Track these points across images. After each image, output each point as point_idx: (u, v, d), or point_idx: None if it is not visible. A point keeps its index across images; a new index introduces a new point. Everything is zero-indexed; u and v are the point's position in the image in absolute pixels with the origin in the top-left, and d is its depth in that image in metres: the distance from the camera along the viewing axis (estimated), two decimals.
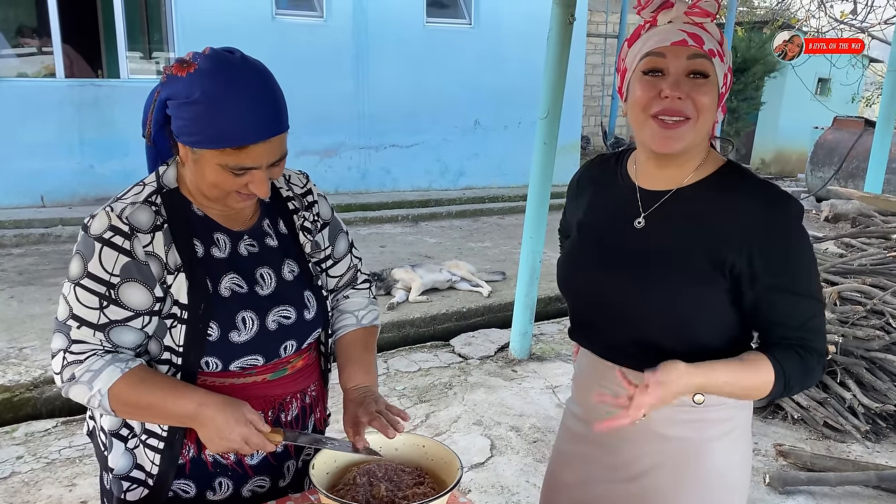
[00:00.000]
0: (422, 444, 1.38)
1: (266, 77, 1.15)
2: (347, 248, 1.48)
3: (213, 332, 1.22)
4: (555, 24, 3.75)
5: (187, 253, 1.22)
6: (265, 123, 1.13)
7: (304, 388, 1.40)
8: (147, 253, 1.18)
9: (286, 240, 1.35)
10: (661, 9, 1.22)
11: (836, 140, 10.00)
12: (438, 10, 9.50)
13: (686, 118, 1.18)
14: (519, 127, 9.79)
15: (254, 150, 1.13)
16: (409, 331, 4.88)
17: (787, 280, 1.18)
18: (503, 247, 7.11)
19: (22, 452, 3.06)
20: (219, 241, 1.27)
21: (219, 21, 7.70)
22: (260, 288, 1.29)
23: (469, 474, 3.01)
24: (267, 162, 1.17)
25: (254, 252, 1.30)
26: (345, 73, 8.73)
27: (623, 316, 1.29)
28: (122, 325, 1.18)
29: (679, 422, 1.30)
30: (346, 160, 8.95)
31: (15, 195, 6.96)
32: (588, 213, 1.41)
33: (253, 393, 1.30)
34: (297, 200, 1.39)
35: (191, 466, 1.30)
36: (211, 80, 1.10)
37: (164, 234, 1.20)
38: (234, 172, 1.15)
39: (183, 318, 1.21)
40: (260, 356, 1.28)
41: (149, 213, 1.20)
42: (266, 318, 1.27)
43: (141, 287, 1.18)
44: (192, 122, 1.12)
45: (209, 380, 1.27)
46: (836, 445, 3.32)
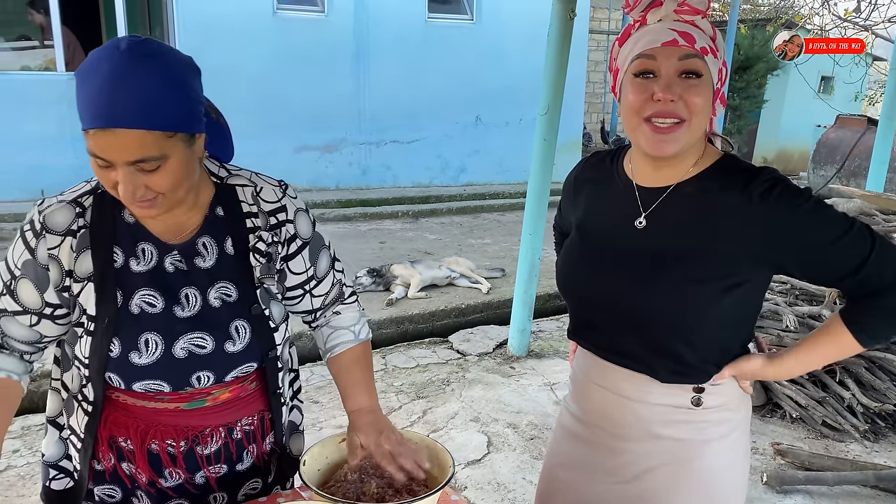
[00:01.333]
0: (415, 442, 1.37)
1: (146, 67, 1.01)
2: (329, 264, 1.38)
3: (114, 348, 1.16)
4: (555, 21, 3.73)
5: (102, 262, 1.15)
6: (108, 109, 0.99)
7: (229, 422, 1.29)
8: (50, 256, 1.14)
9: (227, 260, 1.22)
10: (651, 7, 1.19)
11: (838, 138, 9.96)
12: (440, 5, 9.48)
13: (680, 120, 1.16)
14: (520, 124, 9.77)
15: (99, 138, 1.01)
16: (407, 327, 4.88)
17: (813, 242, 1.15)
18: (503, 243, 7.10)
19: (18, 446, 3.06)
20: (143, 252, 1.18)
21: (220, 15, 7.69)
22: (180, 309, 1.19)
23: (465, 471, 3.00)
24: (119, 158, 1.02)
25: (181, 270, 1.20)
26: (346, 69, 8.72)
27: (626, 317, 1.28)
28: (12, 316, 1.18)
29: (677, 423, 1.29)
30: (346, 156, 8.94)
31: (15, 189, 6.95)
32: (587, 213, 1.39)
33: (164, 420, 1.23)
34: (260, 218, 1.25)
35: (111, 475, 1.27)
36: (89, 58, 1.02)
37: (79, 240, 1.15)
38: (98, 164, 1.04)
39: (89, 329, 1.16)
40: (164, 382, 1.19)
41: (69, 215, 1.14)
42: (174, 344, 1.17)
43: (33, 287, 1.16)
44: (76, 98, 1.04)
45: (121, 396, 1.22)
46: (834, 445, 3.31)
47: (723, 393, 1.29)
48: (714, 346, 1.26)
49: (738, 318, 1.26)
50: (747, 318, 1.29)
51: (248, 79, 7.93)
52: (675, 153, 1.20)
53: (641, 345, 1.27)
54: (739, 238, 1.18)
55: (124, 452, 1.25)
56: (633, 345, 1.28)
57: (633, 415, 1.31)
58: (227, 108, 1.38)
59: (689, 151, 1.24)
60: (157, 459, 1.25)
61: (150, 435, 1.23)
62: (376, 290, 5.26)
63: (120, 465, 1.26)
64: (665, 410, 1.29)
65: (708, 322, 1.22)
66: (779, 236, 1.16)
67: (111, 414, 1.23)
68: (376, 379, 3.75)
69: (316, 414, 3.43)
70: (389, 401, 3.63)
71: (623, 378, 1.32)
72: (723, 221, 1.19)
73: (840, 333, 1.21)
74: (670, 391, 1.28)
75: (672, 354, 1.25)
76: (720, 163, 1.25)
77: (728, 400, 1.30)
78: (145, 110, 1.01)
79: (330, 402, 3.55)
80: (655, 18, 1.19)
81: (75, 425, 1.25)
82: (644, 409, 1.30)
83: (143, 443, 1.24)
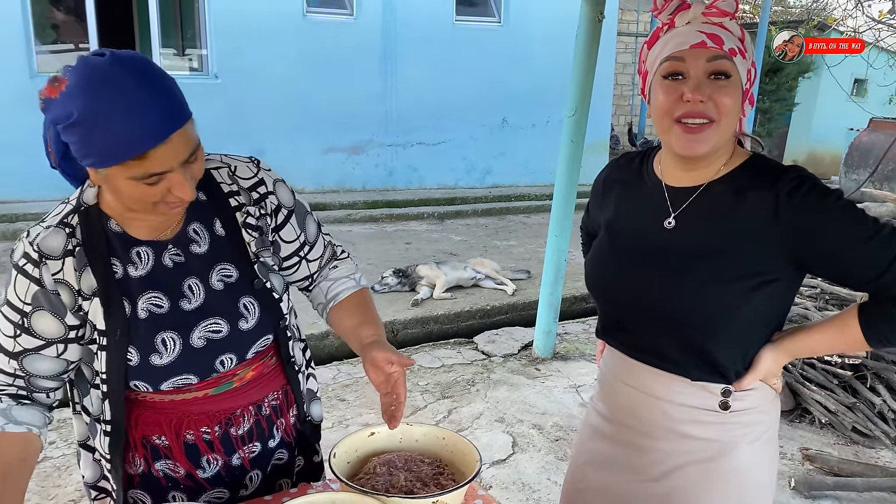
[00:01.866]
0: (441, 437, 1.39)
1: (143, 74, 1.02)
2: (317, 228, 1.39)
3: (132, 357, 1.16)
4: (583, 23, 3.73)
5: (103, 275, 1.15)
6: (157, 124, 1.01)
7: (258, 400, 1.32)
8: (56, 281, 1.13)
9: (220, 242, 1.24)
10: (679, 11, 1.21)
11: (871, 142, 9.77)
12: (467, 8, 9.51)
13: (710, 121, 1.17)
14: (547, 126, 9.76)
15: (157, 154, 1.02)
16: (432, 327, 4.90)
17: (838, 242, 1.16)
18: (529, 245, 7.10)
19: (54, 438, 3.14)
20: (139, 256, 1.18)
21: (250, 18, 7.79)
22: (186, 302, 1.20)
23: (490, 470, 3.02)
24: (176, 161, 1.05)
25: (180, 262, 1.21)
26: (373, 71, 8.78)
27: (655, 315, 1.29)
28: (35, 353, 1.15)
29: (704, 423, 1.30)
30: (373, 157, 9.00)
31: (52, 188, 7.05)
32: (616, 213, 1.41)
33: (194, 409, 1.25)
34: (242, 195, 1.27)
35: (141, 480, 1.28)
36: (84, 94, 0.99)
37: (77, 258, 1.14)
38: (148, 182, 1.05)
39: (102, 344, 1.15)
40: (192, 375, 1.21)
41: (61, 237, 1.14)
42: (190, 336, 1.19)
43: (50, 316, 1.13)
44: (82, 143, 1.02)
45: (148, 396, 1.23)
46: (864, 451, 3.26)
47: (752, 396, 1.29)
48: (743, 345, 1.26)
49: (767, 317, 1.27)
50: (776, 318, 1.29)
51: (277, 80, 8.03)
52: (706, 153, 1.21)
53: (670, 343, 1.28)
54: (766, 236, 1.18)
55: (159, 450, 1.26)
56: (663, 343, 1.29)
57: (662, 414, 1.32)
58: (257, 108, 1.40)
59: (719, 152, 1.25)
60: (194, 449, 1.27)
61: (185, 426, 1.25)
62: (402, 290, 5.29)
63: (154, 464, 1.27)
64: (693, 412, 1.30)
65: (737, 320, 1.23)
66: (805, 235, 1.16)
67: (141, 414, 1.24)
68: None
69: (343, 411, 3.47)
70: (415, 400, 3.66)
71: (652, 377, 1.32)
72: (750, 220, 1.20)
73: (852, 326, 1.22)
74: (698, 392, 1.28)
75: (701, 352, 1.25)
76: (749, 162, 1.26)
77: (759, 403, 1.31)
78: (175, 107, 1.05)
79: (356, 400, 3.58)
80: (684, 21, 1.21)
81: (100, 447, 1.26)
82: (672, 409, 1.31)
83: (178, 436, 1.25)
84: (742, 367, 1.27)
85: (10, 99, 6.91)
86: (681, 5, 1.21)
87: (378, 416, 1.37)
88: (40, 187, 7.08)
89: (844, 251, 1.16)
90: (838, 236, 1.15)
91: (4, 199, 6.94)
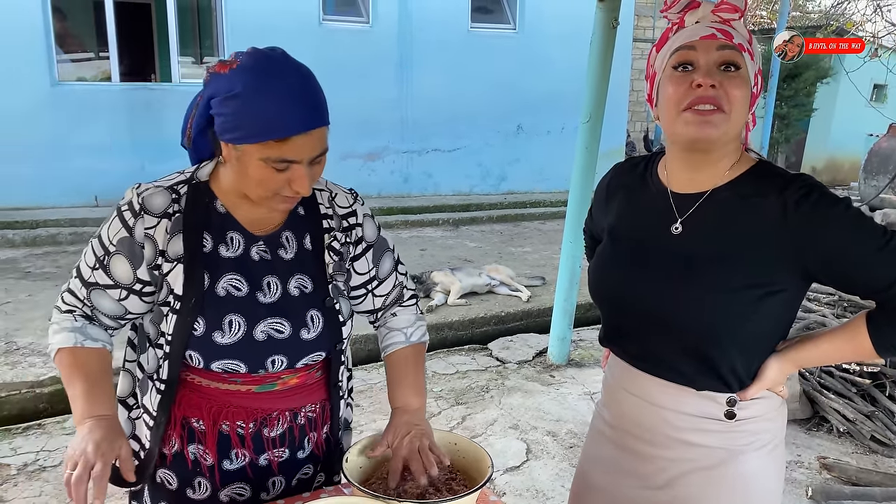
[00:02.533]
0: (454, 442, 1.39)
1: (306, 73, 1.17)
2: (392, 266, 1.46)
3: (198, 327, 1.22)
4: (598, 29, 3.73)
5: (192, 246, 1.23)
6: (306, 115, 1.14)
7: (295, 407, 1.35)
8: (146, 235, 1.22)
9: (305, 255, 1.32)
10: (688, 9, 1.21)
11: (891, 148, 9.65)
12: (483, 15, 9.54)
13: (720, 109, 1.16)
14: (562, 132, 9.75)
15: (295, 142, 1.13)
16: (447, 333, 4.91)
17: (846, 252, 1.15)
18: (543, 252, 7.09)
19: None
20: (231, 240, 1.27)
21: (267, 26, 7.85)
22: (262, 295, 1.27)
23: (504, 477, 3.01)
24: (308, 156, 1.16)
25: (265, 259, 1.28)
26: (389, 78, 8.83)
27: (659, 323, 1.27)
28: (103, 290, 1.25)
29: (709, 432, 1.28)
30: (388, 164, 9.04)
31: (71, 194, 7.21)
32: (619, 219, 1.40)
33: (235, 402, 1.30)
34: (334, 220, 1.36)
35: (172, 460, 1.33)
36: (252, 73, 1.12)
37: (173, 223, 1.23)
38: (277, 168, 1.15)
39: (175, 308, 1.23)
40: (242, 363, 1.26)
41: (165, 199, 1.23)
42: (255, 327, 1.25)
43: (127, 263, 1.22)
44: (233, 116, 1.13)
45: (196, 378, 1.29)
46: (883, 460, 3.22)
47: (758, 404, 1.28)
48: (748, 355, 1.25)
49: (772, 326, 1.25)
50: (781, 327, 1.28)
51: None
52: (716, 138, 1.18)
53: (673, 350, 1.27)
54: (773, 244, 1.17)
55: (195, 433, 1.31)
56: (666, 352, 1.28)
57: (665, 423, 1.31)
58: None
59: (725, 151, 1.23)
60: (226, 440, 1.31)
61: (223, 416, 1.30)
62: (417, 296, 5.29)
63: (187, 447, 1.31)
64: (698, 420, 1.28)
65: (741, 329, 1.21)
66: (813, 243, 1.15)
67: (186, 395, 1.30)
68: None
69: (356, 417, 3.48)
70: (429, 406, 3.66)
71: (655, 386, 1.31)
72: (758, 227, 1.19)
73: (860, 335, 1.20)
74: (703, 402, 1.27)
75: (706, 361, 1.24)
76: (755, 168, 1.25)
77: (764, 411, 1.29)
78: (323, 108, 1.18)
79: (370, 406, 3.59)
80: (693, 20, 1.21)
81: (148, 404, 1.31)
82: (676, 418, 1.30)
83: (214, 423, 1.30)
84: (747, 377, 1.26)
85: (31, 107, 7.04)
86: (690, 4, 1.21)
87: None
88: (59, 193, 7.20)
89: (853, 260, 1.15)
90: (847, 245, 1.14)
91: (24, 206, 7.05)
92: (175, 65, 7.78)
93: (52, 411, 3.54)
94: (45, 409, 3.57)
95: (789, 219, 1.16)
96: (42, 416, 3.46)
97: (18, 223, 6.72)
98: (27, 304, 4.82)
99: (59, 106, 7.20)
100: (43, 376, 3.65)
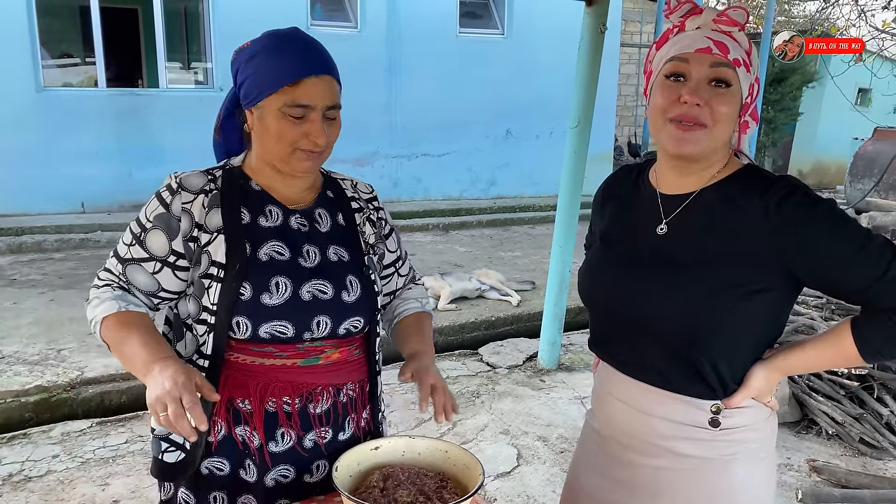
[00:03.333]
0: (444, 450, 1.38)
1: (317, 42, 1.31)
2: (405, 250, 1.61)
3: (245, 291, 1.26)
4: (586, 34, 3.75)
5: (230, 217, 1.29)
6: (315, 61, 1.26)
7: (338, 384, 1.40)
8: (184, 209, 1.28)
9: (340, 229, 1.40)
10: (690, 14, 1.22)
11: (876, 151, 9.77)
12: (471, 20, 9.56)
13: (702, 125, 1.18)
14: (550, 137, 9.78)
15: (308, 85, 1.23)
16: (437, 339, 4.89)
17: (827, 253, 1.14)
18: (533, 256, 7.10)
19: (58, 451, 3.14)
20: (270, 212, 1.34)
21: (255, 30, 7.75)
22: (303, 260, 1.33)
23: (495, 483, 3.00)
24: (321, 102, 1.25)
25: (304, 230, 1.35)
26: (378, 83, 8.82)
27: (642, 325, 1.28)
28: (138, 264, 1.29)
29: (694, 440, 1.28)
30: (378, 169, 9.03)
31: (57, 201, 7.16)
32: (610, 224, 1.41)
33: (281, 377, 1.32)
34: (360, 202, 1.47)
35: (219, 444, 1.33)
36: (269, 36, 1.28)
37: (210, 199, 1.29)
38: (293, 115, 1.23)
39: (219, 276, 1.26)
40: (289, 324, 1.29)
41: (203, 179, 1.31)
42: (301, 287, 1.30)
43: (163, 235, 1.28)
44: (254, 75, 1.25)
45: (240, 357, 1.31)
46: (872, 462, 3.24)
47: (744, 414, 1.27)
48: (732, 360, 1.24)
49: (757, 330, 1.24)
50: (768, 333, 1.27)
51: None
52: (695, 154, 1.21)
53: (656, 352, 1.27)
54: (754, 244, 1.17)
55: (241, 415, 1.32)
56: (649, 354, 1.28)
57: (650, 429, 1.30)
58: None
59: (712, 160, 1.24)
60: (273, 419, 1.33)
61: (269, 392, 1.32)
62: None
63: (234, 429, 1.32)
64: (682, 428, 1.28)
65: (724, 330, 1.21)
66: (793, 244, 1.15)
67: (231, 375, 1.31)
68: (406, 391, 3.79)
69: None
70: (419, 412, 3.64)
71: (639, 391, 1.31)
72: (739, 228, 1.19)
73: (845, 341, 1.19)
74: (687, 408, 1.27)
75: (688, 364, 1.24)
76: (742, 172, 1.25)
77: (751, 421, 1.28)
78: (332, 63, 1.30)
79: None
80: (694, 25, 1.22)
81: None
82: (660, 425, 1.29)
83: (261, 401, 1.32)
84: (733, 384, 1.25)
85: (16, 113, 6.98)
86: (693, 9, 1.22)
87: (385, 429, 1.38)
88: (45, 200, 7.14)
89: (834, 261, 1.14)
90: (828, 245, 1.14)
91: (10, 213, 6.98)
92: (162, 70, 7.74)
93: (37, 421, 3.50)
94: (31, 419, 3.53)
95: (771, 219, 1.16)
96: (27, 426, 3.42)
97: (3, 230, 6.65)
98: (12, 312, 4.77)
99: (45, 112, 7.15)
100: (28, 385, 3.61)
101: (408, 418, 3.54)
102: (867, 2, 9.80)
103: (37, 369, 3.81)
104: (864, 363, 1.21)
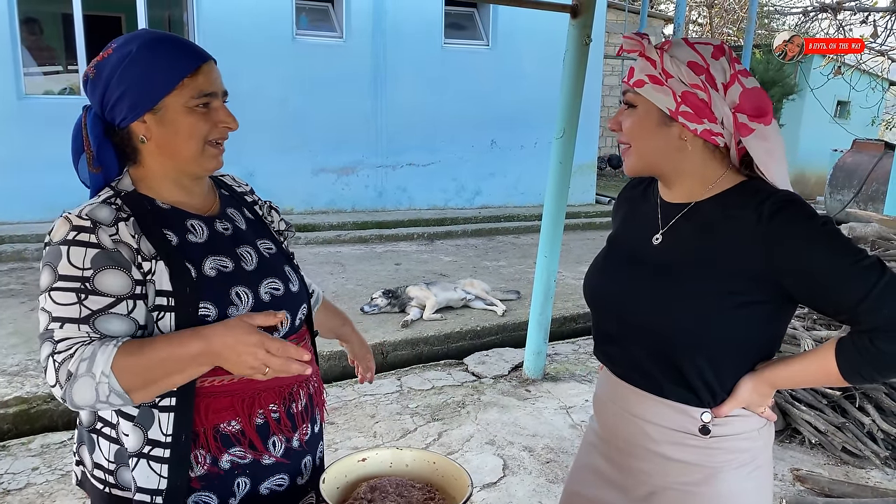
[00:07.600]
0: (432, 461, 1.38)
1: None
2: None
3: (209, 311, 1.19)
4: (571, 46, 3.77)
5: (160, 242, 1.19)
6: (199, 49, 1.23)
7: (308, 378, 1.37)
8: (115, 241, 1.15)
9: (253, 223, 1.40)
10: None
11: (855, 163, 9.92)
12: (456, 31, 9.60)
13: (627, 144, 1.31)
14: (535, 147, 9.83)
15: (205, 73, 1.21)
16: (422, 349, 4.88)
17: (816, 267, 1.14)
18: (518, 266, 7.11)
19: (37, 464, 3.08)
20: (193, 227, 1.27)
21: (240, 41, 7.83)
22: (245, 264, 1.30)
23: (481, 494, 2.99)
24: (220, 88, 1.24)
25: (230, 234, 1.32)
26: (363, 93, 8.83)
27: (635, 329, 1.31)
28: (106, 313, 1.12)
29: (685, 446, 1.29)
30: (363, 178, 9.02)
31: (38, 209, 7.07)
32: (619, 229, 1.47)
33: (261, 386, 1.27)
34: (249, 194, 1.48)
35: (203, 481, 1.24)
36: (136, 37, 1.21)
37: (130, 226, 1.18)
38: (200, 106, 1.20)
39: (170, 305, 1.17)
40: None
41: (110, 211, 1.18)
42: (258, 291, 1.28)
43: (116, 271, 1.13)
44: (139, 79, 1.17)
45: (215, 380, 1.22)
46: (854, 471, 3.26)
47: (736, 423, 1.28)
48: (721, 369, 1.25)
49: (747, 341, 1.25)
50: (760, 345, 1.27)
51: (267, 102, 8.05)
52: (636, 170, 1.32)
53: (649, 359, 1.29)
54: (746, 253, 1.19)
55: (230, 437, 1.24)
56: (640, 358, 1.31)
57: (643, 434, 1.32)
58: (247, 129, 1.49)
59: (685, 171, 1.28)
60: (265, 429, 1.29)
61: (256, 405, 1.27)
62: (392, 311, 5.28)
63: (222, 456, 1.24)
64: (672, 433, 1.29)
65: (712, 339, 1.22)
66: (781, 257, 1.16)
67: (211, 403, 1.22)
68: (391, 401, 3.78)
69: (332, 435, 3.44)
70: (405, 423, 3.63)
71: (632, 396, 1.34)
72: (732, 238, 1.21)
73: (828, 360, 1.20)
74: (677, 415, 1.28)
75: (676, 370, 1.26)
76: (743, 185, 1.26)
77: (743, 430, 1.29)
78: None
79: (345, 424, 3.55)
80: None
81: (158, 435, 1.20)
82: (652, 430, 1.31)
83: (250, 416, 1.26)
84: (723, 393, 1.26)
85: None
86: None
87: (368, 439, 1.36)
88: (26, 208, 7.06)
89: (823, 276, 1.14)
90: (818, 260, 1.14)
91: None
92: None
93: (16, 432, 3.45)
94: (10, 431, 3.48)
95: (762, 230, 1.17)
96: (6, 438, 3.37)
97: None
98: None
99: (26, 119, 7.07)
100: (7, 396, 3.55)
101: (394, 429, 3.52)
102: (845, 16, 9.97)
103: (16, 380, 3.76)
104: (845, 383, 1.22)
